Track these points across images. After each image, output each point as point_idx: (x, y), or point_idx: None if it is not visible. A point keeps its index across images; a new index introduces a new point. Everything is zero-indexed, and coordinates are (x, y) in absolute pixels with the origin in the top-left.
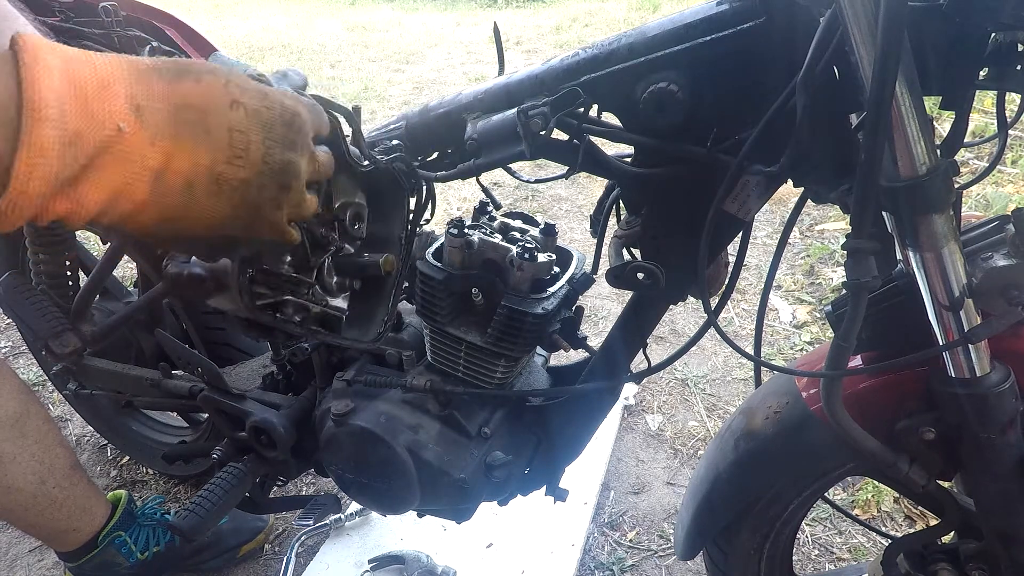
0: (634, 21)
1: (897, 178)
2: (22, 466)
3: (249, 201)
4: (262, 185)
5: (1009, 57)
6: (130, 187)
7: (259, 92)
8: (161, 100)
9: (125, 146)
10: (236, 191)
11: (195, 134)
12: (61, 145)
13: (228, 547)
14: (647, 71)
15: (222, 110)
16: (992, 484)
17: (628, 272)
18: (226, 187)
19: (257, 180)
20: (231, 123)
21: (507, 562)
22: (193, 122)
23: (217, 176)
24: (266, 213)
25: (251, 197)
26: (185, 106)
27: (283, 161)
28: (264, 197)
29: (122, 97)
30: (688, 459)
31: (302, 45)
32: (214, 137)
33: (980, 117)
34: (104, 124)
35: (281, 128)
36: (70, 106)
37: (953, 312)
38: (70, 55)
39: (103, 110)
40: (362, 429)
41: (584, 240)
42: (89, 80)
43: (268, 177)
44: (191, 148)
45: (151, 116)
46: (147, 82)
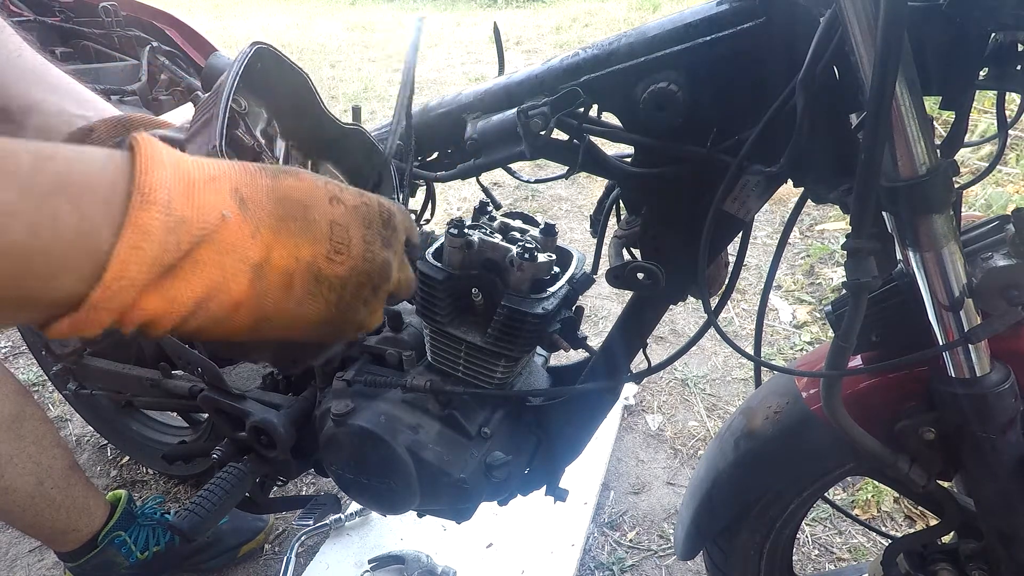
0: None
1: (897, 178)
2: (19, 467)
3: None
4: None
5: (1009, 57)
6: (228, 282)
7: (356, 191)
8: (264, 193)
9: (226, 236)
10: (334, 290)
11: (297, 227)
12: (164, 230)
13: (228, 547)
14: (647, 71)
15: (323, 204)
16: (992, 484)
17: (628, 272)
18: (324, 284)
19: (355, 279)
20: (333, 216)
21: (507, 562)
22: (295, 215)
23: (317, 273)
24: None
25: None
26: (287, 199)
27: (382, 259)
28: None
29: (227, 190)
30: (688, 459)
31: (302, 45)
32: (315, 230)
33: (980, 117)
34: (208, 213)
35: (379, 225)
36: (177, 194)
37: (953, 312)
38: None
39: (208, 201)
40: (362, 429)
41: (584, 240)
42: (197, 173)
43: (365, 276)
44: (293, 241)
45: (254, 208)
46: (251, 177)
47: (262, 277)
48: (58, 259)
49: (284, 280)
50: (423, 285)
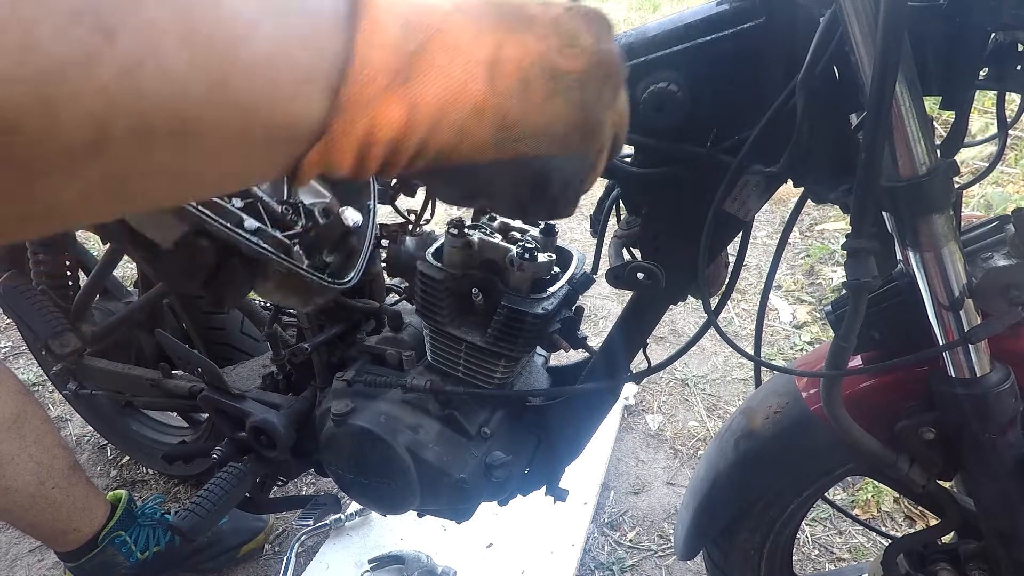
0: (634, 21)
1: (897, 178)
2: (20, 467)
3: (588, 100)
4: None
5: (1009, 57)
6: (466, 84)
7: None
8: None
9: (451, 35)
10: (573, 88)
11: (519, 23)
12: (397, 25)
13: (228, 547)
14: (647, 71)
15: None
16: (992, 484)
17: (628, 272)
18: (563, 82)
19: (593, 71)
20: (553, 14)
21: (507, 562)
22: (512, 13)
23: (553, 67)
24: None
25: (588, 94)
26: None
27: (610, 50)
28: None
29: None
30: (688, 459)
31: None
32: (539, 25)
33: (980, 117)
34: (428, 13)
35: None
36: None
37: (953, 312)
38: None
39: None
40: (362, 429)
41: (584, 240)
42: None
43: (601, 69)
44: (518, 37)
45: (472, 7)
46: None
47: (498, 73)
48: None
49: (521, 76)
50: (423, 285)
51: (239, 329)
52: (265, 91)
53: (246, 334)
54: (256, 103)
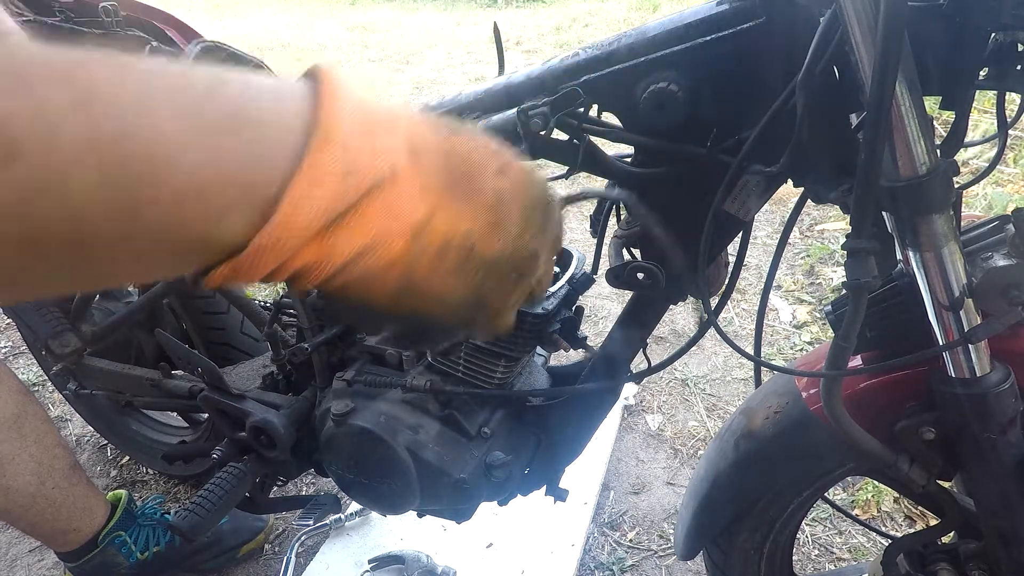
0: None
1: (897, 178)
2: (21, 467)
3: (487, 286)
4: (506, 270)
5: (1009, 57)
6: (387, 240)
7: (524, 167)
8: (436, 149)
9: (395, 191)
10: (480, 270)
11: (463, 192)
12: (341, 174)
13: (228, 547)
14: (647, 71)
15: (491, 174)
16: (992, 484)
17: (628, 272)
18: (474, 262)
19: (504, 262)
20: (497, 186)
21: (507, 562)
22: (463, 179)
23: (471, 247)
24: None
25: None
26: (457, 160)
27: (533, 248)
28: (502, 284)
29: (403, 137)
30: (688, 459)
31: (302, 45)
32: (479, 200)
33: (980, 117)
34: (383, 161)
35: (540, 213)
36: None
37: (953, 312)
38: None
39: (385, 147)
40: (362, 429)
41: (584, 240)
42: (379, 114)
43: (514, 262)
44: (456, 208)
45: (426, 162)
46: (426, 128)
47: (420, 240)
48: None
49: (440, 247)
50: None
51: (239, 329)
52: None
53: (246, 334)
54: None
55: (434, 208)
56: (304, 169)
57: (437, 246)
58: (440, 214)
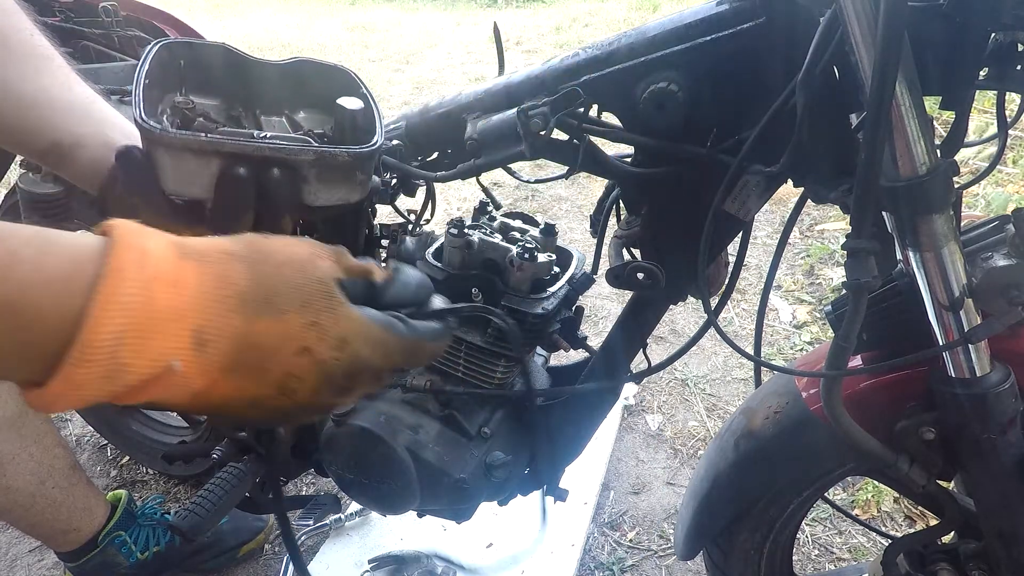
0: (634, 21)
1: (897, 178)
2: (21, 467)
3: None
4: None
5: (1009, 57)
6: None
7: (338, 339)
8: (229, 338)
9: (172, 379)
10: (273, 412)
11: (248, 372)
12: (101, 379)
13: (228, 547)
14: (647, 71)
15: (287, 355)
16: (992, 484)
17: (628, 272)
18: (264, 408)
19: (297, 412)
20: (291, 369)
21: (507, 562)
22: (251, 363)
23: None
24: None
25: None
26: (252, 346)
27: (327, 404)
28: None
29: (189, 330)
30: (688, 459)
31: (302, 45)
32: (266, 378)
33: (980, 117)
34: (158, 362)
35: (341, 379)
36: (130, 341)
37: (953, 312)
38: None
39: (162, 348)
40: (362, 429)
41: (584, 240)
42: (161, 310)
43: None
44: (239, 383)
45: (213, 351)
46: (224, 315)
47: (200, 399)
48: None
49: (222, 403)
50: None
51: None
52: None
53: None
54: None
55: (215, 383)
56: (58, 376)
57: (219, 402)
58: (222, 385)
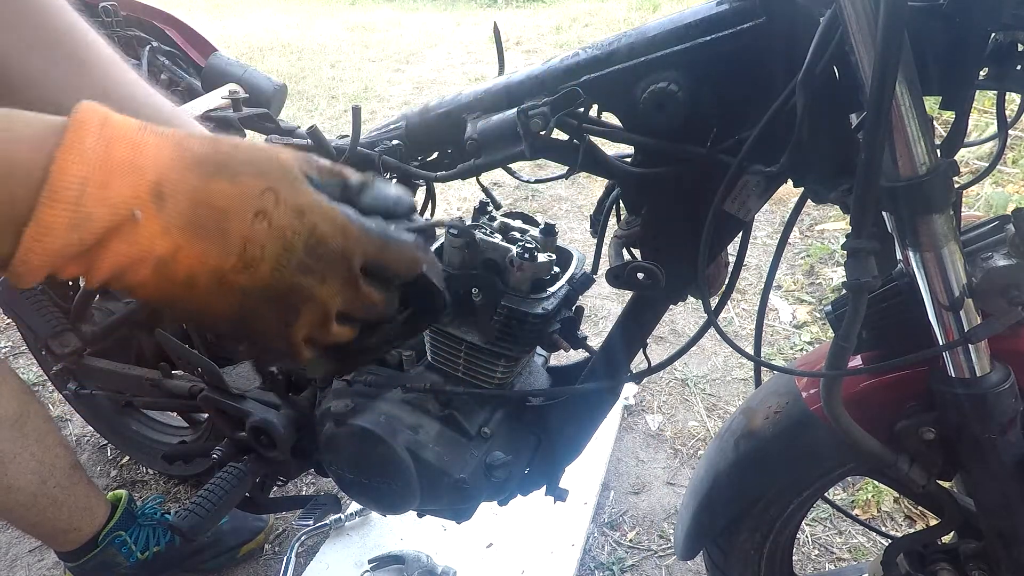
0: (634, 21)
1: (897, 178)
2: (22, 466)
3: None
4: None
5: (1009, 57)
6: (134, 267)
7: (296, 209)
8: (186, 193)
9: (134, 231)
10: (237, 295)
11: (208, 234)
12: (69, 227)
13: (228, 547)
14: (647, 71)
15: (244, 217)
16: (992, 484)
17: (628, 272)
18: (228, 289)
19: (261, 293)
20: (249, 234)
21: (507, 562)
22: (209, 224)
23: (221, 277)
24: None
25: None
26: (207, 205)
27: (291, 284)
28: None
29: (148, 182)
30: (688, 459)
31: (302, 45)
32: (228, 242)
33: (980, 117)
34: (119, 209)
35: (301, 252)
36: (91, 189)
37: (953, 312)
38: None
39: (122, 195)
40: (362, 429)
41: (584, 240)
42: (121, 162)
43: (273, 293)
44: (201, 247)
45: (171, 207)
46: (181, 172)
47: (165, 269)
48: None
49: (186, 276)
50: None
51: None
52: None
53: None
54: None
55: (177, 246)
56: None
57: (183, 276)
58: (185, 250)
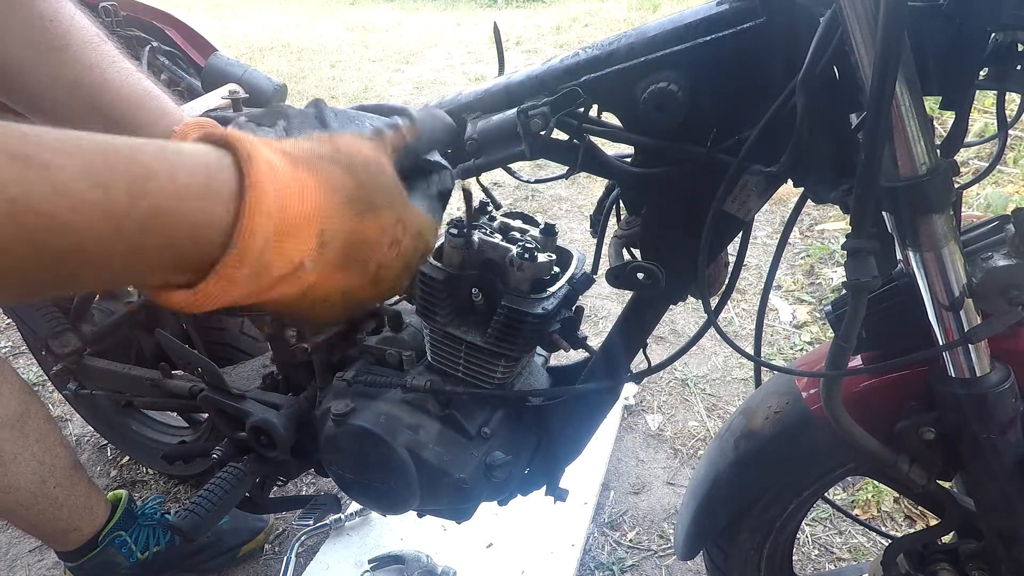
0: (634, 21)
1: (897, 178)
2: (23, 466)
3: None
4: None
5: (1009, 57)
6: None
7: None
8: (343, 236)
9: (299, 275)
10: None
11: (353, 267)
12: (249, 278)
13: (228, 547)
14: (647, 71)
15: (383, 249)
16: (992, 484)
17: (628, 272)
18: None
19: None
20: (384, 261)
21: (507, 562)
22: (357, 258)
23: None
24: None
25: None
26: (359, 243)
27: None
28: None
29: (315, 232)
30: (688, 459)
31: (302, 45)
32: (364, 271)
33: (980, 117)
34: (293, 260)
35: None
36: (271, 245)
37: (953, 312)
38: (281, 181)
39: (296, 249)
40: (362, 429)
41: (584, 240)
42: (294, 218)
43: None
44: (343, 277)
45: (329, 250)
46: (338, 217)
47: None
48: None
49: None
50: (423, 285)
51: (239, 329)
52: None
53: (246, 334)
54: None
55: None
56: (215, 278)
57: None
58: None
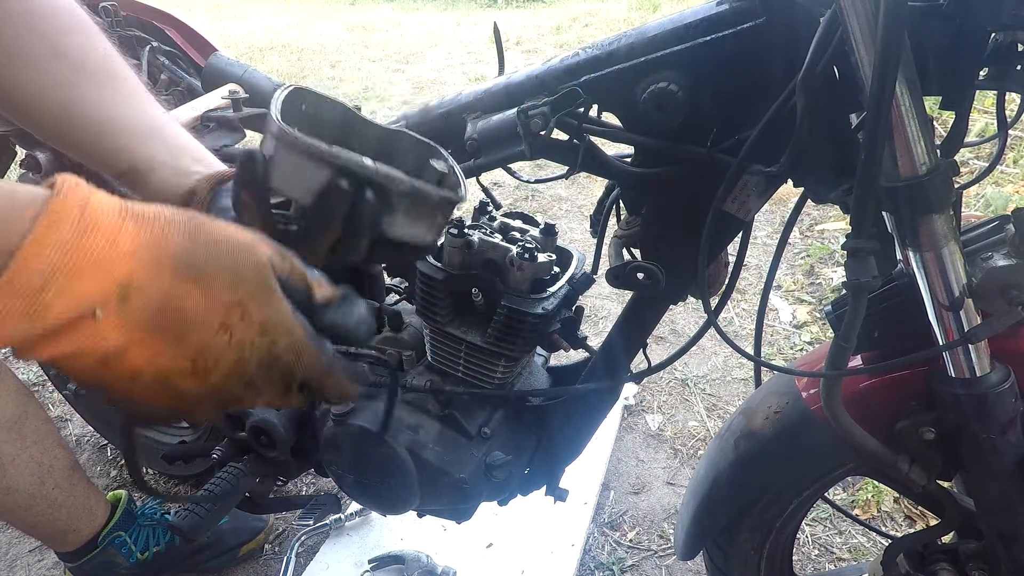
0: (634, 21)
1: (897, 178)
2: (21, 467)
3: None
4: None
5: (1009, 57)
6: (79, 356)
7: (261, 324)
8: (154, 297)
9: (91, 327)
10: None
11: (165, 339)
12: (21, 315)
13: (228, 547)
14: (647, 71)
15: (206, 329)
16: (992, 484)
17: (628, 272)
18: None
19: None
20: (207, 344)
21: (507, 562)
22: (171, 329)
23: (165, 378)
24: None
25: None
26: (174, 310)
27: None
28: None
29: (115, 281)
30: (688, 459)
31: (302, 45)
32: (184, 348)
33: (980, 117)
34: (80, 305)
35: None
36: (55, 282)
37: (953, 312)
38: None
39: (87, 291)
40: (362, 429)
41: (584, 240)
42: (93, 258)
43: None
44: (156, 348)
45: (136, 305)
46: (154, 271)
47: (110, 363)
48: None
49: (132, 373)
50: (423, 285)
51: None
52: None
53: None
54: None
55: (129, 344)
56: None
57: (127, 371)
58: (135, 349)
